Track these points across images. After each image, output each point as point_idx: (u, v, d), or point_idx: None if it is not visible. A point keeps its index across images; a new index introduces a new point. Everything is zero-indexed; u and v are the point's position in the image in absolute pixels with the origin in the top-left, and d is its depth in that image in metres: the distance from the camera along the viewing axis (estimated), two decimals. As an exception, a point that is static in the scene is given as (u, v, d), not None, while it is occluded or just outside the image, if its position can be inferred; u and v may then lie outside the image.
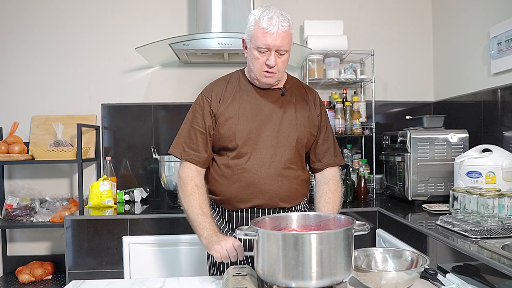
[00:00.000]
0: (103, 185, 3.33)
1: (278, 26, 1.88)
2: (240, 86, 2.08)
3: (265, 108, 2.04)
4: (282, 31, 1.89)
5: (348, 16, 3.92)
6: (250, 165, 1.98)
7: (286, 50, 1.95)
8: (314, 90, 2.25)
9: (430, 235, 2.26)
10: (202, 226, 1.88)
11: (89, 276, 2.96)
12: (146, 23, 3.85)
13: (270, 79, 1.99)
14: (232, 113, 2.01)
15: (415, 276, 1.45)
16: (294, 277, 1.33)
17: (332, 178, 2.14)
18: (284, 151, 2.02)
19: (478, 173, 2.60)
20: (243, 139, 1.99)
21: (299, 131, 2.06)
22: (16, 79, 3.81)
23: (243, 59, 3.61)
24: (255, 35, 1.91)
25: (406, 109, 3.95)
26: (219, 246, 1.74)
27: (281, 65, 1.97)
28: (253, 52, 1.95)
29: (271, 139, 2.01)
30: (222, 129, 2.01)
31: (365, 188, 3.50)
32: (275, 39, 1.89)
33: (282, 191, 2.01)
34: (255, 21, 1.93)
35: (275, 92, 2.08)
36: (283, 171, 2.02)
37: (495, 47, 2.95)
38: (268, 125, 2.02)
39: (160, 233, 2.99)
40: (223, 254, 1.72)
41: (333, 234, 1.37)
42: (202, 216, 1.91)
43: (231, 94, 2.05)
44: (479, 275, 1.80)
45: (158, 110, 3.84)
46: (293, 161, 2.05)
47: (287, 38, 1.92)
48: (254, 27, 1.92)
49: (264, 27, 1.88)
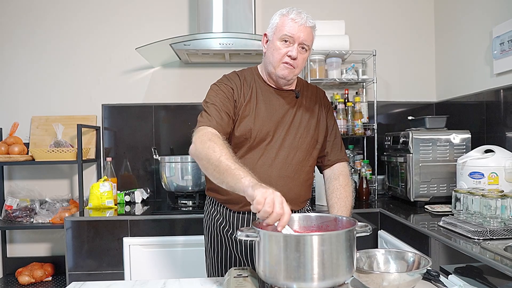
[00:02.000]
0: (103, 186, 3.32)
1: (306, 20, 1.93)
2: (256, 85, 2.06)
3: (279, 109, 2.03)
4: (309, 26, 1.94)
5: (350, 16, 3.91)
6: (261, 165, 1.97)
7: (308, 47, 1.96)
8: (320, 88, 2.26)
9: (433, 236, 2.25)
10: (243, 170, 1.57)
11: (90, 278, 2.95)
12: (146, 23, 3.84)
13: (288, 72, 1.96)
14: (249, 112, 1.99)
15: (417, 278, 1.44)
16: (295, 278, 1.32)
17: (342, 173, 2.14)
18: (295, 153, 2.02)
19: (480, 174, 2.59)
20: (257, 139, 1.97)
21: (311, 134, 2.06)
22: (16, 79, 3.80)
23: (244, 59, 3.62)
24: (282, 25, 1.93)
25: (408, 109, 3.94)
26: (269, 191, 1.44)
27: (300, 62, 1.97)
28: (275, 43, 1.95)
29: (284, 140, 2.00)
30: (238, 127, 1.97)
31: (367, 189, 3.48)
32: (302, 30, 1.91)
33: (292, 193, 1.98)
34: (282, 14, 1.96)
35: (289, 93, 2.08)
36: (294, 173, 2.02)
37: (497, 47, 2.94)
38: (281, 127, 2.01)
39: (161, 235, 2.98)
40: (269, 200, 1.41)
41: (335, 236, 1.35)
42: (237, 163, 1.61)
43: (248, 92, 2.02)
44: (481, 276, 1.80)
45: (158, 111, 3.83)
46: (304, 164, 2.05)
47: (311, 35, 1.97)
48: (280, 19, 1.95)
49: (293, 18, 1.91)
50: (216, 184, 1.97)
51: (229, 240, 2.06)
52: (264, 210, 1.40)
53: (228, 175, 1.58)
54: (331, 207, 2.04)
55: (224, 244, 2.08)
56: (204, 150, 1.69)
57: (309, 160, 2.08)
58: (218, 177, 1.63)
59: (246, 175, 1.54)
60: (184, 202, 3.37)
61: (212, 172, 1.65)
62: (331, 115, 2.22)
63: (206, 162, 1.68)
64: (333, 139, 2.19)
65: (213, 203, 2.15)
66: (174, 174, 3.34)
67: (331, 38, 3.62)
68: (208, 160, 1.66)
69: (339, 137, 2.22)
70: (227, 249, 2.07)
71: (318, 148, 2.12)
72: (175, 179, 3.34)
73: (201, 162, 1.71)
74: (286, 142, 2.00)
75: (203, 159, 1.69)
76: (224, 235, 2.07)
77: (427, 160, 3.07)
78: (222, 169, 1.60)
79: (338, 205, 2.01)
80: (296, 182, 2.03)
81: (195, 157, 1.76)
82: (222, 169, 1.60)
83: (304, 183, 2.07)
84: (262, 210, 1.40)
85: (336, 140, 2.20)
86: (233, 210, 2.05)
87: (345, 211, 1.99)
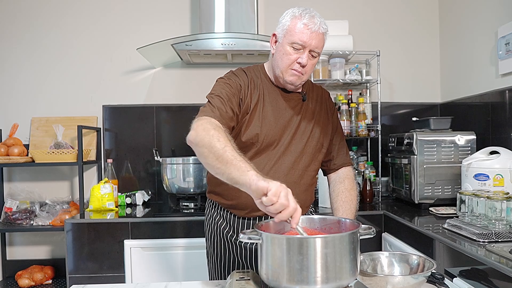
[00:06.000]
0: (104, 188, 3.32)
1: (319, 26, 1.85)
2: (263, 85, 2.01)
3: (286, 112, 1.99)
4: (321, 32, 1.87)
5: (354, 16, 3.90)
6: (267, 170, 1.93)
7: (318, 53, 1.91)
8: (325, 89, 2.23)
9: (437, 239, 2.24)
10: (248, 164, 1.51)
11: (90, 281, 2.95)
12: (148, 23, 3.83)
13: (296, 79, 1.92)
14: (256, 115, 1.94)
15: (421, 281, 1.43)
16: (298, 281, 1.31)
17: (347, 177, 2.12)
18: (302, 158, 1.99)
19: (485, 175, 2.58)
20: (264, 144, 1.93)
21: (316, 138, 2.04)
22: (15, 80, 3.79)
23: (246, 59, 3.60)
24: (292, 29, 1.85)
25: (413, 110, 3.91)
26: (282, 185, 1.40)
27: (309, 68, 1.92)
28: (285, 47, 1.88)
29: (290, 145, 1.97)
30: (245, 132, 1.92)
31: (370, 191, 3.47)
32: (314, 37, 1.85)
33: (299, 199, 1.92)
34: (294, 16, 1.87)
35: (296, 96, 2.04)
36: (300, 179, 1.99)
37: (503, 47, 2.92)
38: (287, 131, 1.98)
39: (162, 237, 2.97)
40: (284, 194, 1.37)
41: (338, 238, 1.34)
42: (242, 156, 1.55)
43: (256, 93, 1.97)
44: (486, 279, 1.79)
45: (160, 112, 3.81)
46: (310, 168, 2.03)
47: (323, 41, 1.90)
48: (291, 22, 1.87)
49: (306, 23, 1.83)
50: (222, 189, 1.94)
51: (233, 245, 2.03)
52: (281, 203, 1.35)
53: (232, 166, 1.50)
54: (335, 210, 2.02)
55: (227, 248, 2.05)
56: (207, 138, 1.60)
57: (315, 164, 2.06)
58: (218, 168, 1.55)
59: (252, 169, 1.47)
60: (186, 204, 3.35)
61: (213, 161, 1.57)
62: (336, 118, 2.19)
63: (208, 150, 1.58)
64: (339, 142, 2.17)
65: (215, 207, 2.12)
66: (175, 175, 3.33)
67: (335, 38, 3.59)
68: (211, 149, 1.57)
69: (344, 140, 2.20)
70: (230, 253, 2.05)
71: (324, 152, 2.10)
72: (176, 181, 3.32)
73: (201, 149, 1.61)
74: (292, 147, 1.97)
75: (204, 147, 1.60)
76: (228, 240, 2.04)
77: (432, 162, 3.05)
78: (226, 159, 1.52)
79: (343, 208, 2.00)
80: (302, 187, 2.00)
81: (194, 144, 1.65)
82: (225, 160, 1.52)
83: (309, 187, 2.05)
84: (278, 203, 1.35)
85: (341, 143, 2.18)
86: (238, 215, 2.02)
87: (350, 214, 1.97)
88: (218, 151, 1.55)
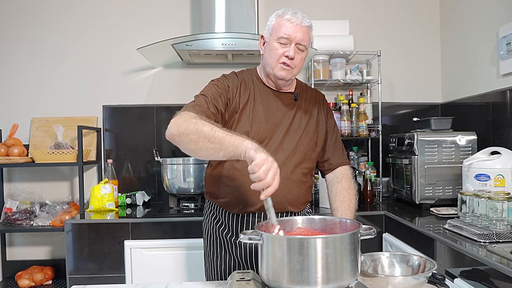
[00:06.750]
0: (104, 188, 3.32)
1: (302, 20, 1.92)
2: (255, 86, 2.05)
3: (277, 111, 2.02)
4: (305, 25, 1.93)
5: (354, 16, 3.89)
6: None
7: (305, 47, 1.96)
8: (320, 91, 2.25)
9: (438, 239, 2.24)
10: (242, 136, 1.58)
11: (90, 281, 2.95)
12: (148, 23, 3.83)
13: (286, 72, 1.95)
14: (246, 114, 1.97)
15: (422, 281, 1.43)
16: (299, 282, 1.30)
17: (344, 177, 2.13)
18: (294, 155, 2.01)
19: (486, 176, 2.58)
20: (254, 141, 1.93)
21: (310, 136, 2.06)
22: (15, 80, 3.78)
23: (247, 59, 3.60)
24: (277, 26, 1.94)
25: (413, 110, 3.91)
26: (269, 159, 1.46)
27: (298, 62, 1.96)
28: (272, 44, 1.95)
29: (282, 142, 1.99)
30: (235, 130, 1.93)
31: (371, 192, 3.46)
32: (298, 30, 1.91)
33: (291, 195, 1.99)
34: (278, 15, 1.97)
35: (288, 95, 2.07)
36: (293, 175, 2.00)
37: (504, 47, 2.91)
38: (279, 129, 2.00)
39: (162, 237, 2.97)
40: (266, 167, 1.44)
41: (339, 238, 1.34)
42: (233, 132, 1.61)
43: (246, 94, 2.01)
44: (487, 280, 1.79)
45: (160, 112, 3.81)
46: (303, 166, 2.03)
47: (308, 34, 1.96)
48: (276, 20, 1.96)
49: (288, 18, 1.91)
50: (215, 188, 1.95)
51: (229, 243, 2.04)
52: (258, 175, 1.43)
53: (226, 142, 1.54)
54: (334, 211, 2.03)
55: (224, 247, 2.06)
56: (191, 125, 1.61)
57: (308, 162, 2.07)
58: (213, 147, 1.57)
59: (246, 139, 1.54)
60: (186, 205, 3.35)
61: (205, 144, 1.58)
62: (331, 118, 2.21)
63: (197, 136, 1.59)
64: (334, 142, 2.19)
65: (212, 206, 2.13)
66: (176, 176, 3.32)
67: (335, 38, 3.60)
68: (199, 133, 1.59)
69: (339, 140, 2.22)
70: (226, 252, 2.06)
71: (317, 151, 2.11)
72: (177, 181, 3.32)
73: (189, 137, 1.61)
74: (284, 145, 1.99)
75: (191, 134, 1.60)
76: (224, 238, 2.05)
77: (433, 162, 3.05)
78: (219, 138, 1.56)
79: (342, 208, 2.01)
80: (295, 183, 2.01)
81: (177, 135, 1.64)
82: (218, 139, 1.56)
83: (303, 184, 2.05)
84: (255, 174, 1.43)
85: (337, 144, 2.19)
86: (232, 213, 2.03)
87: (349, 214, 1.98)
88: (208, 133, 1.58)
